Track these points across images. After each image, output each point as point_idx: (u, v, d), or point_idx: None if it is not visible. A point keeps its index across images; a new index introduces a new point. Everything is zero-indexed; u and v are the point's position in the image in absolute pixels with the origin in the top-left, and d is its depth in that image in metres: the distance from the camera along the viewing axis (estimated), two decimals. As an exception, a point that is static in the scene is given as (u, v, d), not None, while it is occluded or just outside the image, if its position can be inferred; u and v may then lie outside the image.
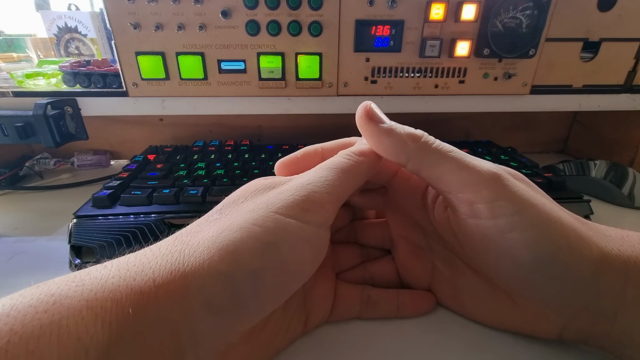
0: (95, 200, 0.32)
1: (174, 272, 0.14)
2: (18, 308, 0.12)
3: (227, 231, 0.15)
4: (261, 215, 0.16)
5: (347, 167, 0.19)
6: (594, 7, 0.37)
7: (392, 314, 0.23)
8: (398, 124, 0.20)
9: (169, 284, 0.14)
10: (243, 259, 0.14)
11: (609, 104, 0.42)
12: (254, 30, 0.35)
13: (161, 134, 0.54)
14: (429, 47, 0.36)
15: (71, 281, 0.13)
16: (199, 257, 0.14)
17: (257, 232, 0.15)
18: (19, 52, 0.69)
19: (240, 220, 0.16)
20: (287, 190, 0.17)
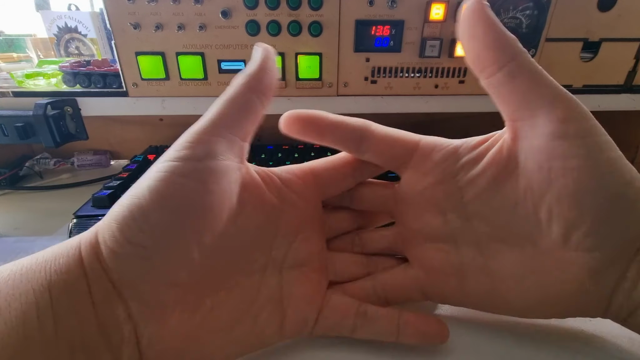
0: (95, 200, 0.32)
1: (92, 231, 0.16)
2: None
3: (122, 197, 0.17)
4: (147, 170, 0.17)
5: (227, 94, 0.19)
6: (594, 7, 0.37)
7: (392, 337, 0.20)
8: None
9: (87, 238, 0.16)
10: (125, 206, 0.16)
11: (609, 104, 0.42)
12: (254, 30, 0.35)
13: (161, 134, 0.54)
14: (429, 47, 0.36)
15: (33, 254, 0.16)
16: (105, 217, 0.16)
17: (139, 182, 0.16)
18: (19, 52, 0.69)
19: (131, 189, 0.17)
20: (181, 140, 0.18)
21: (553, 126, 0.17)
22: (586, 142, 0.16)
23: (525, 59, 0.17)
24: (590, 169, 0.16)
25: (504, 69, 0.17)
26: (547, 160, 0.17)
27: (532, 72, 0.17)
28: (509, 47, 0.17)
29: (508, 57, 0.17)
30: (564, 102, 0.17)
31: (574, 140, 0.16)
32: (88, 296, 0.15)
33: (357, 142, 0.21)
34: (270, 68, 0.20)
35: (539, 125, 0.17)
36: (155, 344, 0.16)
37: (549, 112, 0.17)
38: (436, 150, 0.21)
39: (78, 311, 0.15)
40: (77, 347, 0.14)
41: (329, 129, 0.21)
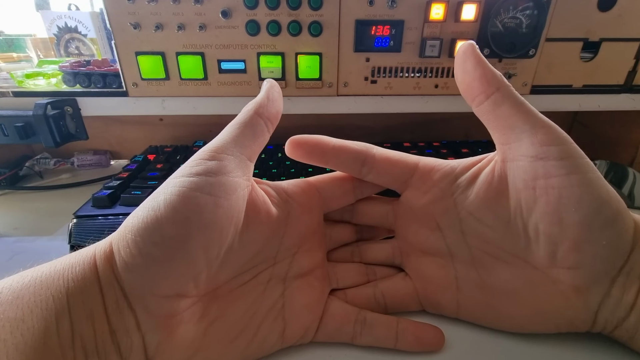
0: (95, 200, 0.32)
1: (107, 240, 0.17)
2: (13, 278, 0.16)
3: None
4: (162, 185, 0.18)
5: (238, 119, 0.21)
6: (594, 7, 0.37)
7: (390, 343, 0.21)
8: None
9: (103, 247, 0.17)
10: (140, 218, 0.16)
11: (609, 104, 0.42)
12: (254, 30, 0.35)
13: (161, 134, 0.54)
14: (429, 47, 0.36)
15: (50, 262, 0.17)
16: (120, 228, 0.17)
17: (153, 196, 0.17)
18: (19, 52, 0.69)
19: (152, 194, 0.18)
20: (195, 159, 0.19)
21: (535, 149, 0.18)
22: (565, 163, 0.18)
23: (508, 90, 0.19)
24: (569, 187, 0.18)
25: (490, 98, 0.20)
26: (532, 180, 0.19)
27: (515, 101, 0.19)
28: (494, 79, 0.20)
29: (493, 87, 0.20)
30: (544, 128, 0.19)
31: (554, 161, 0.18)
32: (101, 304, 0.16)
33: (359, 165, 0.23)
34: (275, 99, 0.22)
35: (523, 147, 0.19)
36: (161, 352, 0.16)
37: (531, 136, 0.19)
38: (434, 171, 0.23)
39: (92, 318, 0.15)
40: (90, 353, 0.15)
41: (331, 154, 0.23)
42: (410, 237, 0.24)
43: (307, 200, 0.23)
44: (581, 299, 0.19)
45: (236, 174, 0.19)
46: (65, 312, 0.15)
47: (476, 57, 0.20)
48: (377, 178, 0.23)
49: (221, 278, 0.19)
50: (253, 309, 0.20)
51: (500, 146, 0.21)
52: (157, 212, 0.16)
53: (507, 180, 0.20)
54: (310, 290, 0.22)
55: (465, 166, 0.22)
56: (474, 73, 0.20)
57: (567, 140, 0.18)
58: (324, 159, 0.23)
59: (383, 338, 0.21)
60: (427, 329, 0.22)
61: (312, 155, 0.23)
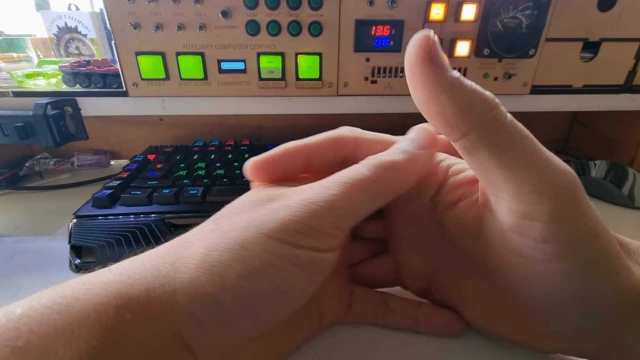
0: (95, 200, 0.32)
1: (165, 285, 0.14)
2: (36, 308, 0.13)
3: (215, 250, 0.15)
4: (251, 235, 0.15)
5: (368, 184, 0.16)
6: (594, 7, 0.37)
7: (410, 326, 0.22)
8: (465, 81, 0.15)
9: (161, 297, 0.14)
10: (228, 281, 0.14)
11: (609, 104, 0.42)
12: (254, 30, 0.35)
13: (161, 134, 0.54)
14: (429, 47, 0.36)
15: (81, 284, 0.14)
16: (187, 274, 0.15)
17: (244, 255, 0.14)
18: (19, 52, 0.69)
19: (229, 240, 0.15)
20: (284, 208, 0.15)
21: (513, 220, 0.15)
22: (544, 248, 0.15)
23: (485, 131, 0.14)
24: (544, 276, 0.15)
25: (459, 143, 0.15)
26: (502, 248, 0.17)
27: (493, 150, 0.14)
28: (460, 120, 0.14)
29: (460, 132, 0.15)
30: (531, 195, 0.14)
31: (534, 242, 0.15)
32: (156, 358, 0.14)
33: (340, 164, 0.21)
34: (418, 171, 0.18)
35: (500, 211, 0.16)
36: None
37: (510, 202, 0.15)
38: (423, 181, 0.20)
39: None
40: None
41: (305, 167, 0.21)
42: (395, 226, 0.23)
43: None
44: (546, 340, 0.18)
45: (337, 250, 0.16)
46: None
47: (429, 76, 0.14)
48: None
49: None
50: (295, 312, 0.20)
51: (481, 187, 0.17)
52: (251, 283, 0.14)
53: (482, 224, 0.18)
54: (339, 278, 0.22)
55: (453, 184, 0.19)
56: (429, 109, 0.15)
57: (557, 217, 0.14)
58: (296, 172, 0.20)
59: (403, 322, 0.22)
60: (446, 315, 0.22)
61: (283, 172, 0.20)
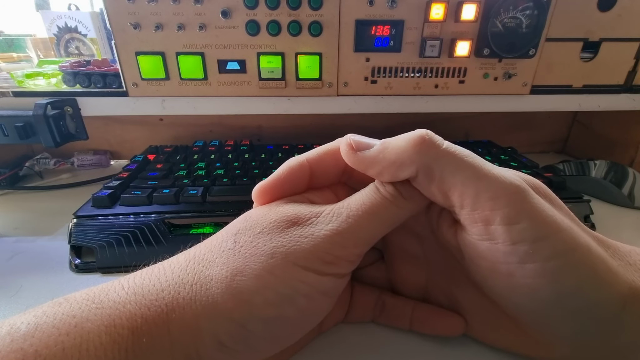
0: (95, 200, 0.32)
1: (186, 308, 0.14)
2: (42, 329, 0.12)
3: (241, 275, 0.15)
4: (279, 264, 0.15)
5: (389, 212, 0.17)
6: (594, 7, 0.37)
7: (405, 326, 0.22)
8: (391, 138, 0.17)
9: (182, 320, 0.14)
10: (256, 308, 0.14)
11: (609, 104, 0.42)
12: (254, 30, 0.35)
13: (161, 134, 0.54)
14: (429, 47, 0.36)
15: (91, 302, 0.14)
16: (211, 298, 0.14)
17: (273, 283, 0.15)
18: (19, 52, 0.69)
19: (256, 265, 0.15)
20: (311, 238, 0.16)
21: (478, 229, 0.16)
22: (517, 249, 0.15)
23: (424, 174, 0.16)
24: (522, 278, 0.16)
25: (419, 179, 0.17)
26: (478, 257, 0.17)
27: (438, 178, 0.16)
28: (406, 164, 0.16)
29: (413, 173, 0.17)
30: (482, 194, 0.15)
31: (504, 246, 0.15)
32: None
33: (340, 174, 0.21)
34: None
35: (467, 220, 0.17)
36: None
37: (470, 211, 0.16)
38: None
39: None
40: None
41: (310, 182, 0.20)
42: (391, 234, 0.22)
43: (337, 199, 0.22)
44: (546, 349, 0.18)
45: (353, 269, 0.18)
46: None
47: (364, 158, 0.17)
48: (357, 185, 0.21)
49: None
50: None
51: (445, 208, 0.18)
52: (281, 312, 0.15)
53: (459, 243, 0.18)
54: None
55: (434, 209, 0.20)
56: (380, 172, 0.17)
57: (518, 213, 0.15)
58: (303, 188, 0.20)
59: (398, 322, 0.22)
60: (442, 317, 0.21)
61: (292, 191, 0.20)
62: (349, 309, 0.22)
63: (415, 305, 0.22)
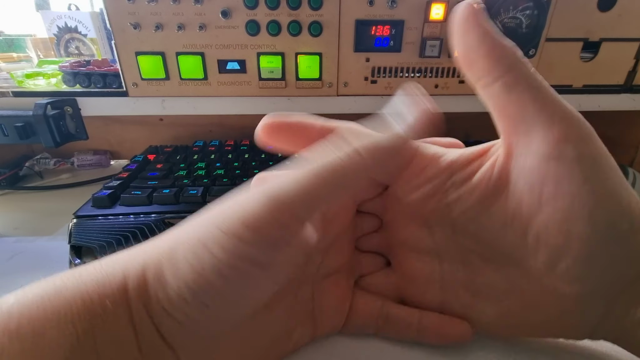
0: (95, 200, 0.32)
1: (139, 274, 0.15)
2: (27, 296, 0.14)
3: (181, 244, 0.15)
4: (209, 231, 0.15)
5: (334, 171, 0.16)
6: (594, 7, 0.37)
7: (412, 337, 0.21)
8: None
9: (136, 285, 0.15)
10: (187, 277, 0.14)
11: (609, 104, 0.42)
12: (254, 30, 0.35)
13: (161, 134, 0.54)
14: (429, 47, 0.36)
15: (71, 275, 0.15)
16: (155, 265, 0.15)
17: (201, 252, 0.15)
18: (19, 52, 0.69)
19: (194, 234, 0.15)
20: (243, 202, 0.15)
21: (549, 147, 0.15)
22: (583, 167, 0.15)
23: (524, 71, 0.16)
24: (583, 196, 0.15)
25: (500, 81, 0.16)
26: (539, 183, 0.16)
27: (531, 86, 0.16)
28: (506, 57, 0.16)
29: (504, 68, 0.16)
30: (564, 121, 0.15)
31: (571, 163, 0.15)
32: (136, 347, 0.14)
33: None
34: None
35: (534, 144, 0.16)
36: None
37: (545, 130, 0.16)
38: (430, 166, 0.20)
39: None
40: None
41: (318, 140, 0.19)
42: (397, 232, 0.22)
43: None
44: (580, 312, 0.17)
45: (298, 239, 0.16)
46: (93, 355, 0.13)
47: (481, 26, 0.16)
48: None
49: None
50: (286, 316, 0.19)
51: (506, 138, 0.17)
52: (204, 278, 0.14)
53: (509, 179, 0.17)
54: (338, 288, 0.21)
55: (465, 160, 0.19)
56: (479, 49, 0.16)
57: (589, 138, 0.15)
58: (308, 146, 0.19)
59: (404, 333, 0.21)
60: (450, 324, 0.20)
61: (295, 142, 0.19)
62: (349, 318, 0.21)
63: (421, 314, 0.21)
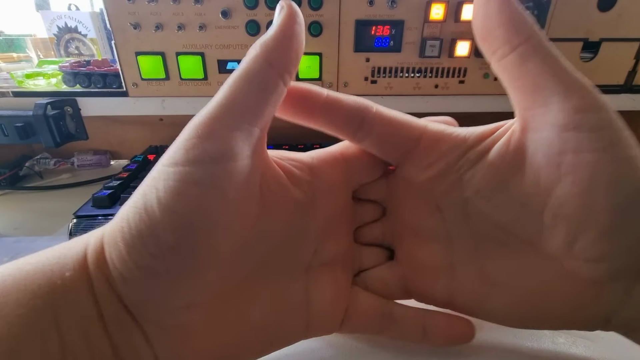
0: (95, 200, 0.32)
1: (97, 242, 0.14)
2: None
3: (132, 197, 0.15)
4: (154, 171, 0.14)
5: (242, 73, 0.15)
6: (594, 7, 0.37)
7: (418, 338, 0.20)
8: None
9: (96, 255, 0.14)
10: (132, 221, 0.13)
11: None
12: (254, 30, 0.35)
13: (161, 134, 0.54)
14: (429, 47, 0.36)
15: (36, 253, 0.14)
16: (110, 225, 0.15)
17: (145, 191, 0.14)
18: (19, 52, 0.69)
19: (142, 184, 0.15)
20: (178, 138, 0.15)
21: (567, 116, 0.15)
22: (603, 135, 0.15)
23: (541, 41, 0.16)
24: (605, 165, 0.15)
25: (517, 51, 0.16)
26: (557, 154, 0.15)
27: (547, 56, 0.15)
28: (524, 26, 0.16)
29: (522, 37, 0.16)
30: (581, 90, 0.15)
31: (590, 132, 0.15)
32: (98, 319, 0.14)
33: (355, 127, 0.18)
34: (294, 34, 0.16)
35: (551, 114, 0.15)
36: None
37: (563, 100, 0.15)
38: (442, 141, 0.19)
39: (87, 336, 0.13)
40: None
41: (322, 110, 0.18)
42: (405, 218, 0.21)
43: (335, 176, 0.19)
44: (597, 296, 0.16)
45: (245, 155, 0.15)
46: (53, 329, 0.13)
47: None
48: (373, 145, 0.19)
49: (236, 276, 0.17)
50: (274, 306, 0.18)
51: (521, 112, 0.17)
52: (151, 217, 0.13)
53: (526, 153, 0.17)
54: (335, 281, 0.20)
55: (477, 137, 0.18)
56: (499, 17, 0.16)
57: (607, 107, 0.15)
58: (312, 116, 0.18)
59: (410, 334, 0.20)
60: (456, 323, 0.20)
61: (299, 110, 0.18)
62: (349, 317, 0.20)
63: (427, 314, 0.20)
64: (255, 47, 0.15)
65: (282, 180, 0.18)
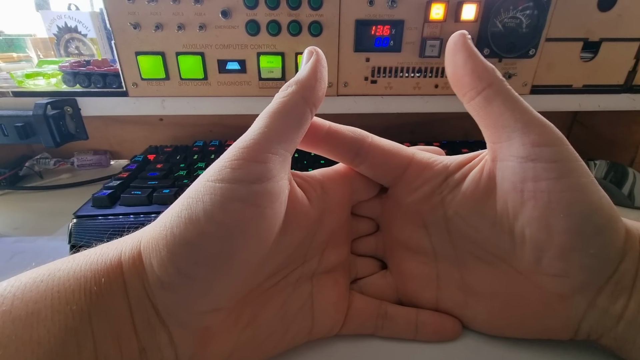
0: (95, 200, 0.32)
1: (133, 249, 0.16)
2: (21, 279, 0.14)
3: (170, 209, 0.16)
4: (196, 185, 0.16)
5: (281, 106, 0.17)
6: (594, 7, 0.37)
7: (410, 335, 0.22)
8: None
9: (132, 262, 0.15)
10: (177, 231, 0.15)
11: (609, 104, 0.42)
12: (254, 30, 0.35)
13: (161, 134, 0.54)
14: (429, 47, 0.36)
15: (65, 259, 0.16)
16: (148, 233, 0.16)
17: (190, 204, 0.15)
18: (19, 52, 0.69)
19: (181, 197, 0.16)
20: (221, 157, 0.17)
21: (526, 149, 0.17)
22: (558, 166, 0.17)
23: (501, 86, 0.18)
24: (559, 192, 0.17)
25: (481, 94, 0.18)
26: (520, 182, 0.18)
27: (507, 98, 0.18)
28: (486, 74, 0.18)
29: (485, 83, 0.18)
30: (538, 127, 0.17)
31: (546, 163, 0.17)
32: (130, 322, 0.15)
33: (353, 154, 0.21)
34: (324, 77, 0.19)
35: (514, 147, 0.18)
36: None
37: (522, 135, 0.17)
38: (428, 168, 0.21)
39: (119, 338, 0.14)
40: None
41: (325, 140, 0.21)
42: (395, 233, 0.23)
43: (341, 193, 0.22)
44: (564, 308, 0.19)
45: (281, 176, 0.17)
46: (88, 333, 0.14)
47: (467, 49, 0.19)
48: (369, 170, 0.22)
49: (255, 283, 0.18)
50: (283, 310, 0.20)
51: (490, 145, 0.20)
52: (197, 227, 0.14)
53: (496, 180, 0.19)
54: (337, 287, 0.22)
55: (457, 164, 0.21)
56: (464, 67, 0.19)
57: (561, 142, 0.17)
58: (315, 145, 0.21)
59: (403, 331, 0.22)
60: (445, 321, 0.22)
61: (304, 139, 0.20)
62: (347, 317, 0.22)
63: (418, 312, 0.22)
64: (291, 85, 0.18)
65: (303, 199, 0.20)
